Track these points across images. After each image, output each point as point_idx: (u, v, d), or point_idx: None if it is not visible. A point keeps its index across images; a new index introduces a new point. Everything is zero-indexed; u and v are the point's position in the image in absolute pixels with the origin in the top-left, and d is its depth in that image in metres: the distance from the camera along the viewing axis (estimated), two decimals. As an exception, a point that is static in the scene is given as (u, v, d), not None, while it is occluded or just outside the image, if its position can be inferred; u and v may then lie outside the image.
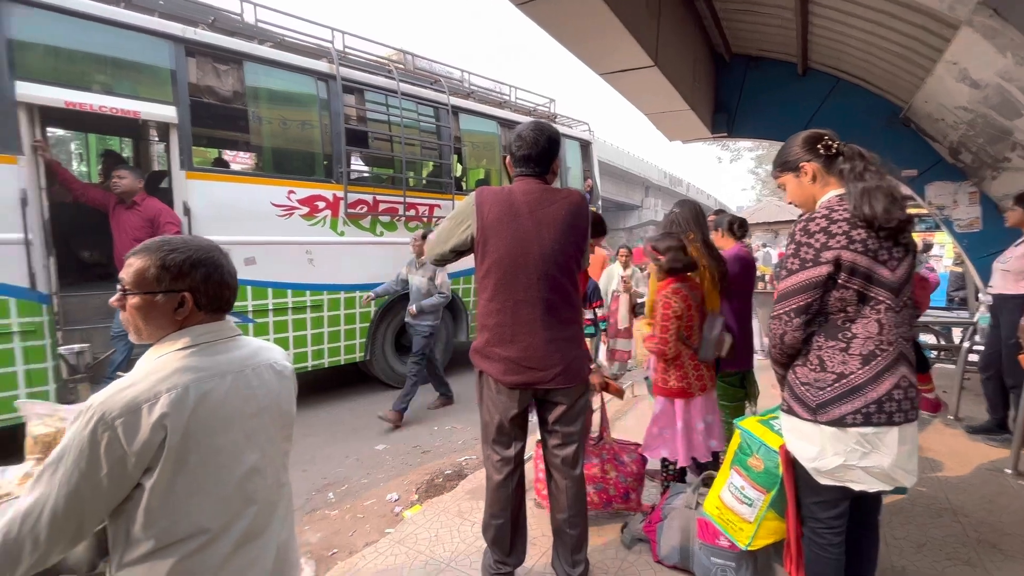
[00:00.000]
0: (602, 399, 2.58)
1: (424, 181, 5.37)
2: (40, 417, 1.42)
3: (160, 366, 0.97)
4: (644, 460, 2.45)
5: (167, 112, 3.52)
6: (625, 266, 5.45)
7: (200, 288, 1.02)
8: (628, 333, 4.86)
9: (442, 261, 1.87)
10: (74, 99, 3.15)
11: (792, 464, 1.49)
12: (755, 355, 3.11)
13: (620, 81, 3.59)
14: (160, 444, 0.91)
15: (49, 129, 5.03)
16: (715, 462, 2.67)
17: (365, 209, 4.60)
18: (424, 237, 3.57)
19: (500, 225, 1.72)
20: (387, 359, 5.00)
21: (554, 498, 1.87)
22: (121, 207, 3.41)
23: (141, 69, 3.51)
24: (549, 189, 1.79)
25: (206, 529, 0.97)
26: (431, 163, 5.47)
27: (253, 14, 4.21)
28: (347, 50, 4.71)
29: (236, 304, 4.04)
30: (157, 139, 5.42)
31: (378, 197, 4.69)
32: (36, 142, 3.09)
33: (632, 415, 4.05)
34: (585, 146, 6.86)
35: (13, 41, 2.97)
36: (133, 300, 1.02)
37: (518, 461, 1.85)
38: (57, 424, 1.41)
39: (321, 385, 5.09)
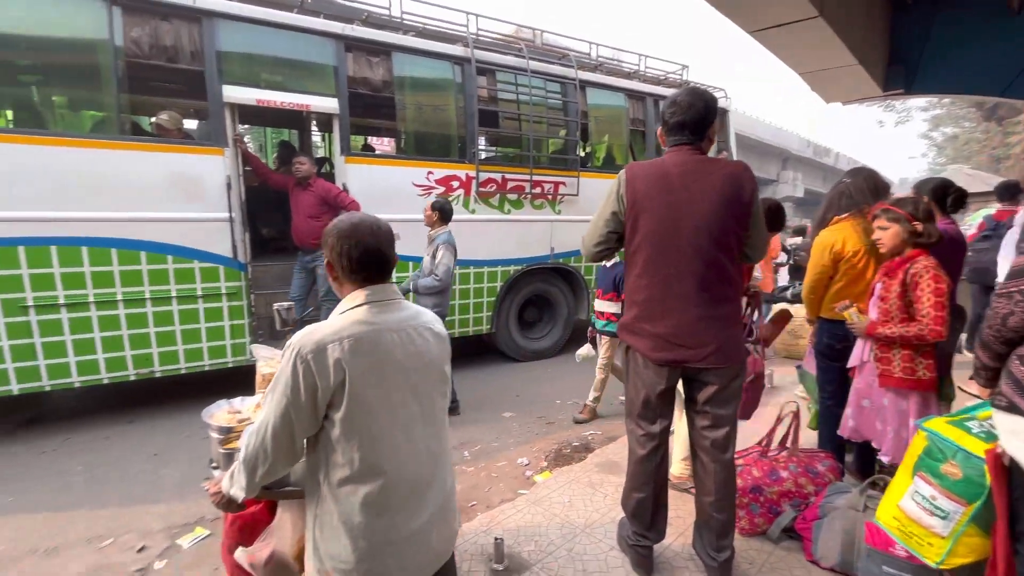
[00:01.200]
0: (796, 407, 2.36)
1: (550, 158, 5.41)
2: (265, 359, 1.74)
3: (343, 318, 1.16)
4: (840, 469, 2.28)
5: (330, 104, 3.97)
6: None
7: (341, 259, 1.18)
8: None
9: (601, 254, 1.86)
10: (263, 97, 3.69)
11: (1008, 472, 1.28)
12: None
13: (774, 38, 3.24)
14: (341, 382, 1.08)
15: (240, 125, 5.96)
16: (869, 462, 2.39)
17: (494, 188, 4.78)
18: (434, 208, 3.53)
19: (651, 199, 1.68)
20: (510, 332, 5.21)
21: (700, 480, 1.83)
22: (298, 189, 3.97)
23: (310, 67, 3.99)
24: (706, 160, 1.70)
25: (382, 470, 1.13)
26: (557, 140, 5.48)
27: (399, 6, 4.51)
28: (480, 33, 4.86)
29: None
30: (316, 129, 6.14)
31: (506, 176, 4.83)
32: (236, 136, 3.69)
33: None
34: (722, 115, 6.33)
35: (220, 52, 3.55)
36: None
37: (663, 437, 1.84)
38: (276, 366, 1.72)
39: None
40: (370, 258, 1.20)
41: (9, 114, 3.50)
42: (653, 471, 1.83)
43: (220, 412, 1.62)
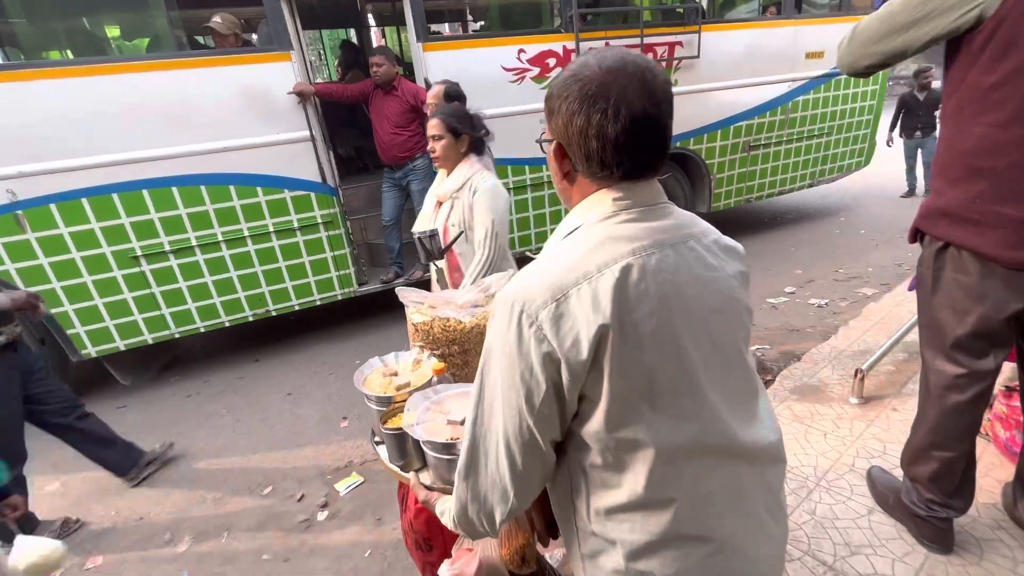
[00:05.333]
0: None
1: (662, 12, 4.34)
2: (415, 304, 1.33)
3: (585, 242, 0.67)
4: None
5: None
6: None
7: (586, 138, 0.65)
8: None
9: (877, 66, 1.20)
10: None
11: None
12: None
13: None
14: (598, 340, 0.61)
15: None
16: None
17: (597, 61, 3.92)
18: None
19: None
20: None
21: None
22: (380, 94, 3.41)
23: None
24: None
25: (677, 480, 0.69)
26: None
27: None
28: None
29: None
30: (375, 23, 5.39)
31: (610, 43, 3.92)
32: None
33: None
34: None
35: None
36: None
37: (994, 377, 1.27)
38: (429, 312, 1.31)
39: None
40: (646, 135, 0.66)
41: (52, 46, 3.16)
42: (971, 424, 1.30)
43: (373, 375, 1.27)
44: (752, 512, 0.74)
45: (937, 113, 6.00)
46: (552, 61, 3.76)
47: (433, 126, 1.79)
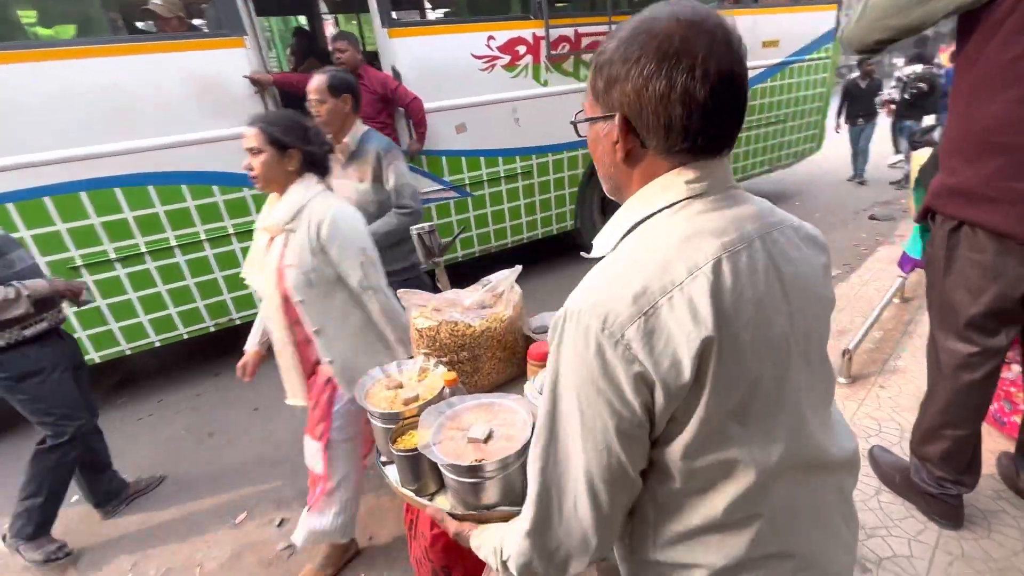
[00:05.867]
0: None
1: (628, 1, 4.30)
2: (418, 308, 1.21)
3: (656, 236, 0.57)
4: None
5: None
6: None
7: (658, 102, 0.55)
8: None
9: (888, 40, 1.16)
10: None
11: None
12: None
13: None
14: (700, 358, 0.52)
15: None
16: None
17: (567, 48, 3.83)
18: (336, 87, 1.82)
19: None
20: (595, 225, 4.57)
21: None
22: (343, 83, 3.19)
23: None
24: None
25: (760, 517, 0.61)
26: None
27: None
28: None
29: (453, 177, 3.96)
30: (328, 11, 5.10)
31: (580, 30, 3.84)
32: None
33: None
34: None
35: None
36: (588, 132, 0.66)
37: (1004, 354, 1.27)
38: (434, 316, 1.19)
39: (533, 259, 4.94)
40: (735, 98, 0.57)
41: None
42: (982, 401, 1.30)
43: (375, 388, 1.14)
44: (830, 523, 0.67)
45: (877, 100, 6.30)
46: (522, 49, 3.65)
47: (250, 137, 1.35)
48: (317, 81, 1.83)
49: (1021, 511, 1.48)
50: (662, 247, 0.56)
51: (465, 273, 2.45)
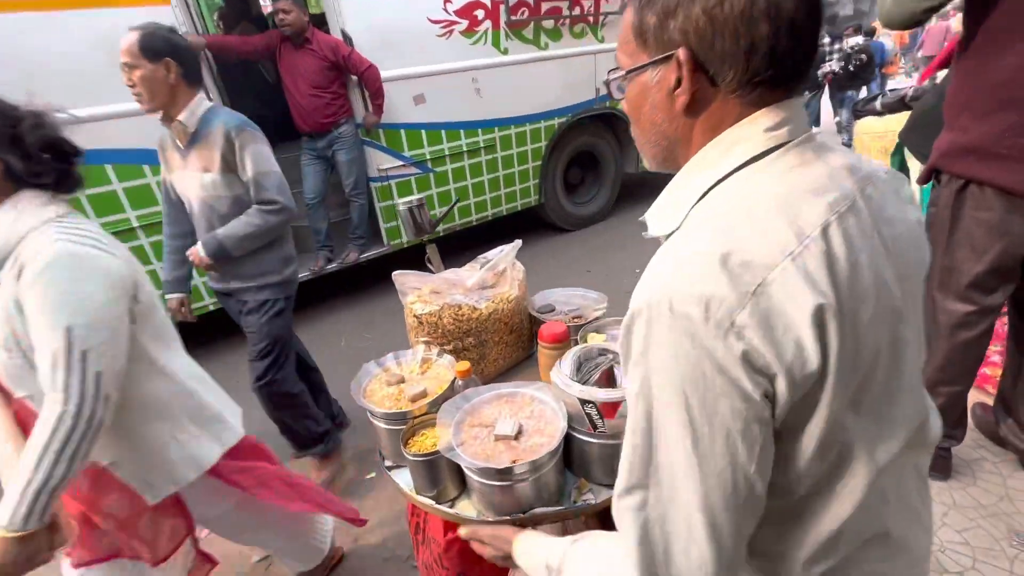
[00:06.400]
0: None
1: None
2: (414, 291, 1.07)
3: (744, 198, 0.48)
4: None
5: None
6: None
7: (734, 26, 0.45)
8: None
9: (932, 10, 1.12)
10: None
11: None
12: None
13: None
14: (823, 339, 0.43)
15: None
16: None
17: (526, 13, 3.66)
18: (141, 45, 1.44)
19: None
20: (559, 199, 4.49)
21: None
22: (289, 48, 2.87)
23: None
24: None
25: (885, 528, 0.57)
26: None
27: None
28: None
29: (414, 152, 3.71)
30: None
31: (539, -7, 3.67)
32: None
33: None
34: None
35: None
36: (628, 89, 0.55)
37: (999, 310, 1.29)
38: (434, 300, 1.06)
39: (498, 235, 4.81)
40: (818, 16, 0.47)
41: None
42: (977, 358, 1.33)
43: (374, 385, 1.01)
44: (910, 504, 0.62)
45: (820, 72, 6.52)
46: (480, 13, 3.45)
47: None
48: (127, 40, 1.42)
49: (1000, 458, 1.56)
50: (755, 212, 0.47)
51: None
